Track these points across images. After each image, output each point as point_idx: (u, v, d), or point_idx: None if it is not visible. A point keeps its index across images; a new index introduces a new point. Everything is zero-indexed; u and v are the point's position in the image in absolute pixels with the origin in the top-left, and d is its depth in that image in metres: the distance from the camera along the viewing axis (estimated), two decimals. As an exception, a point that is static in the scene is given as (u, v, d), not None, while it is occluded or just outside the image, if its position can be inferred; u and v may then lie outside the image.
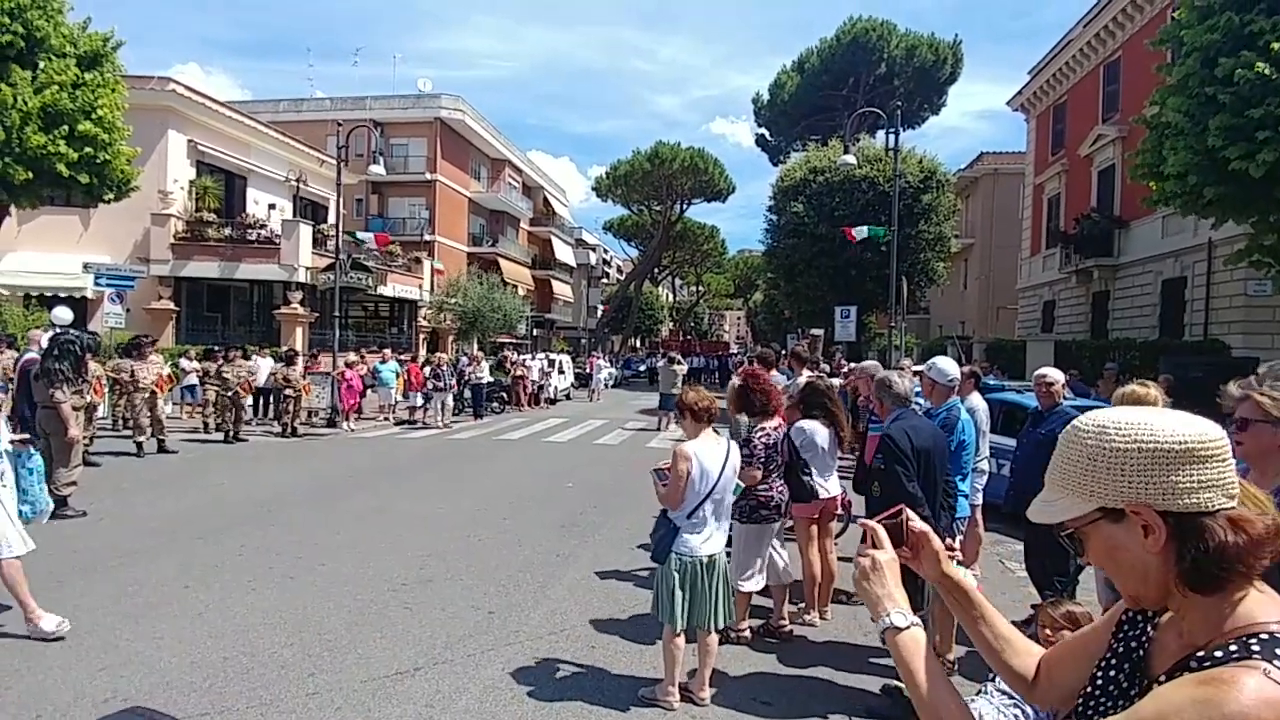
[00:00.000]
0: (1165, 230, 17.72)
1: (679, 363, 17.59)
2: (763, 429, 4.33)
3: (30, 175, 13.20)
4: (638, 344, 55.29)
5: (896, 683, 3.71)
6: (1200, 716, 0.80)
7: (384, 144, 33.44)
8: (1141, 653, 1.04)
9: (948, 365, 4.57)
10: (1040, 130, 26.01)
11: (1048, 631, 2.71)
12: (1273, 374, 2.20)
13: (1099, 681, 1.06)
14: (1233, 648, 0.88)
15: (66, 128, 13.35)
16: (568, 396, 24.95)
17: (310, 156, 25.35)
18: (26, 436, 4.81)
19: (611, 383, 31.72)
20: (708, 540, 3.61)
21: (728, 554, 3.88)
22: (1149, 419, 0.96)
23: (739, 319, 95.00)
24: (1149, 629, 1.05)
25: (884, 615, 1.18)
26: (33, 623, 4.36)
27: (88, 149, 13.68)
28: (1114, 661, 1.06)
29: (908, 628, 1.15)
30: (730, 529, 3.99)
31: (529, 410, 20.47)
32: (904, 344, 28.14)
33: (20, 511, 4.64)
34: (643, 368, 40.26)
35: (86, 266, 16.33)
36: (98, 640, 4.37)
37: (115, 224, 18.94)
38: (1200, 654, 0.91)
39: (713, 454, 3.62)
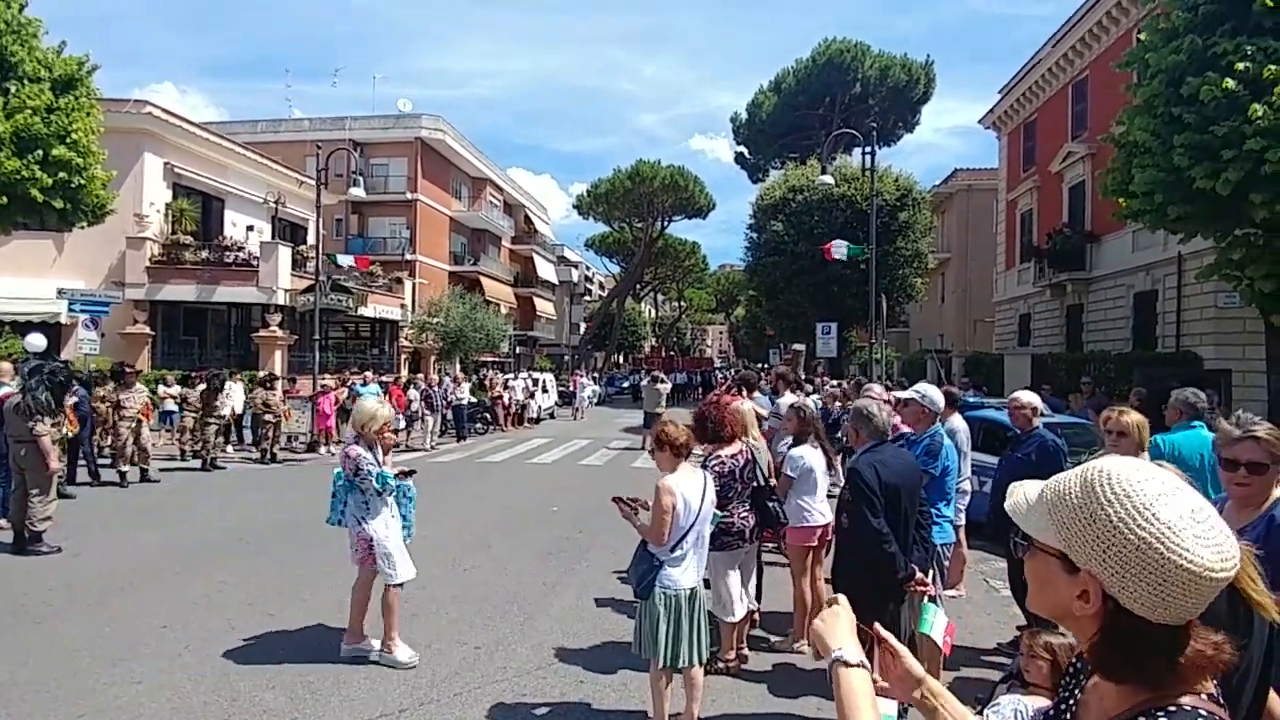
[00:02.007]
0: (1136, 244, 18.10)
1: (662, 381, 17.61)
2: (718, 457, 4.35)
3: (3, 200, 13.01)
4: (621, 360, 55.29)
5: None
6: None
7: (364, 164, 33.36)
8: (1073, 705, 1.03)
9: (935, 394, 4.64)
10: (1012, 147, 26.54)
11: (1033, 658, 2.70)
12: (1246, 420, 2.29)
13: None
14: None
15: (40, 152, 13.17)
16: (551, 415, 24.86)
17: (289, 177, 25.21)
18: (411, 469, 4.96)
19: (596, 400, 31.66)
20: (687, 572, 3.62)
21: (706, 583, 3.89)
22: (1177, 527, 0.87)
23: (721, 334, 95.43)
24: (1080, 684, 1.04)
25: (835, 649, 1.15)
26: (389, 650, 4.52)
27: (62, 174, 13.49)
28: (1052, 715, 1.07)
29: (858, 664, 1.14)
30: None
31: (513, 430, 20.37)
32: (884, 358, 28.54)
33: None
34: (626, 384, 40.25)
35: (60, 292, 16.07)
36: (76, 685, 4.28)
37: (90, 248, 18.66)
38: None
39: (693, 486, 3.64)
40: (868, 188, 16.90)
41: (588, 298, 65.07)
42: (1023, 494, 1.04)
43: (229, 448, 14.86)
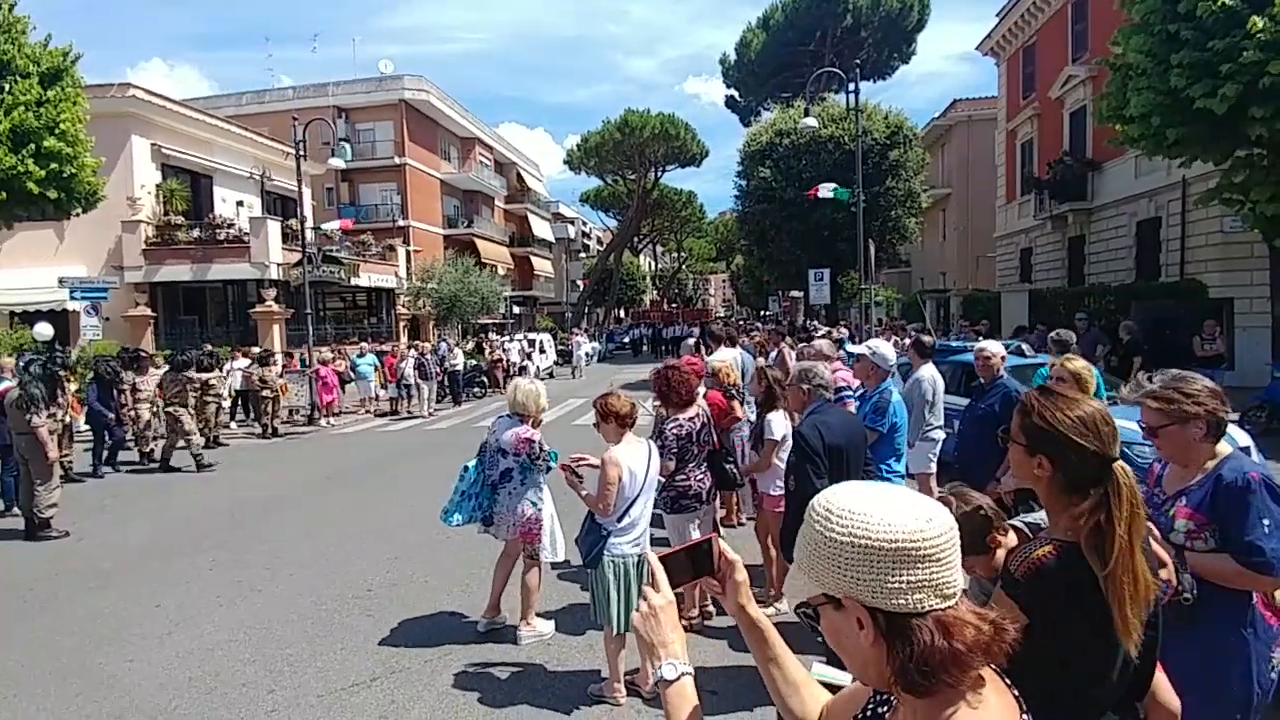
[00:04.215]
0: (1138, 170, 17.65)
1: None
2: (676, 420, 4.38)
3: (3, 196, 13.18)
4: (621, 315, 55.17)
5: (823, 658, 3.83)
6: None
7: (350, 130, 32.86)
8: (885, 710, 1.05)
9: (887, 350, 4.62)
10: (1011, 74, 25.74)
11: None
12: (1165, 377, 2.27)
13: None
14: None
15: (33, 146, 13.29)
16: (550, 375, 24.98)
17: (274, 150, 24.91)
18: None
19: (596, 358, 31.77)
20: (636, 541, 3.69)
21: (655, 543, 3.97)
22: (869, 511, 0.93)
23: (724, 282, 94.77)
24: (892, 699, 1.04)
25: (656, 666, 1.17)
26: (529, 624, 4.59)
27: (54, 164, 13.62)
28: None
29: (677, 679, 1.16)
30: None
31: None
32: (885, 300, 28.26)
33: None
34: (627, 340, 40.30)
35: (62, 281, 16.25)
36: (75, 664, 4.52)
37: (89, 235, 18.79)
38: None
39: (638, 457, 3.69)
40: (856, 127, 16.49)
41: (585, 254, 64.59)
42: (792, 572, 1.05)
43: (232, 424, 15.10)
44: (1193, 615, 2.04)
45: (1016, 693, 0.98)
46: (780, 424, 4.68)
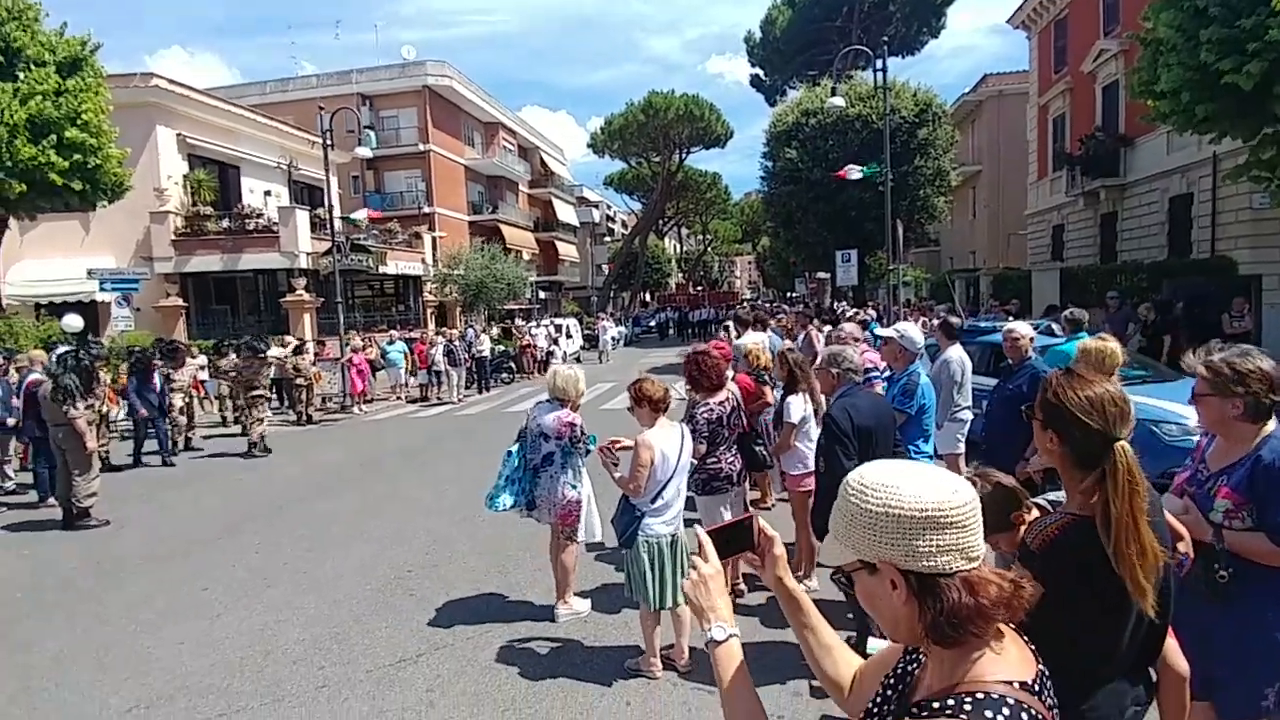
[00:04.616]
0: (1170, 146, 17.21)
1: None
2: (706, 404, 4.45)
3: (24, 187, 13.36)
4: (647, 298, 55.13)
5: (854, 634, 3.90)
6: None
7: (374, 117, 33.15)
8: (910, 680, 1.14)
9: (915, 333, 4.64)
10: (1042, 48, 25.08)
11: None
12: (1222, 349, 2.29)
13: (878, 699, 1.17)
14: (950, 702, 0.98)
15: (54, 136, 13.41)
16: (578, 360, 25.12)
17: (300, 139, 25.21)
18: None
19: (621, 341, 31.86)
20: (669, 522, 3.79)
21: (687, 524, 4.06)
22: (899, 483, 1.03)
23: (750, 264, 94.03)
24: (921, 657, 1.14)
25: (706, 629, 1.28)
26: (565, 603, 4.71)
27: (77, 155, 13.76)
28: (892, 682, 1.17)
29: (725, 640, 1.26)
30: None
31: (539, 378, 20.71)
32: (914, 280, 27.89)
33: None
34: (653, 323, 40.29)
35: (90, 272, 16.56)
36: (124, 650, 4.67)
37: (116, 225, 19.04)
38: (925, 700, 1.02)
39: (670, 440, 3.78)
40: (884, 106, 16.25)
41: (610, 238, 64.53)
42: (829, 539, 1.15)
43: (267, 411, 15.47)
44: (1228, 591, 2.09)
45: (1033, 647, 1.09)
46: (798, 407, 4.74)
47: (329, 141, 16.65)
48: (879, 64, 14.85)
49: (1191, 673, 1.75)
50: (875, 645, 1.63)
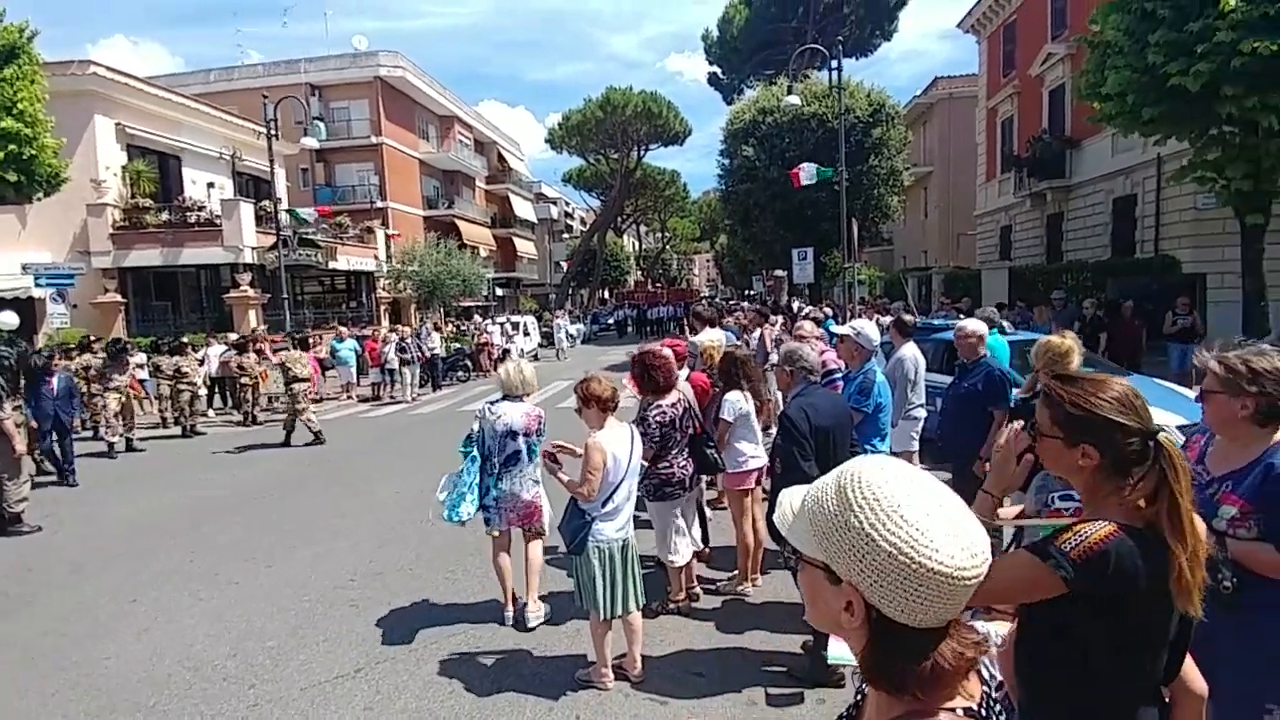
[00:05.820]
0: (1115, 148, 17.77)
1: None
2: (659, 406, 4.34)
3: None
4: (606, 296, 54.94)
5: (809, 637, 3.83)
6: None
7: (324, 108, 32.19)
8: (861, 699, 1.04)
9: (871, 330, 4.60)
10: (991, 52, 25.70)
11: None
12: (1235, 346, 2.21)
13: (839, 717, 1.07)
14: None
15: None
16: (535, 357, 24.82)
17: (245, 129, 24.29)
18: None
19: (580, 339, 31.61)
20: (620, 526, 3.66)
21: (636, 524, 3.95)
22: (923, 527, 0.85)
23: (708, 262, 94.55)
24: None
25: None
26: (535, 604, 4.59)
27: (12, 146, 13.11)
28: (843, 716, 1.07)
29: None
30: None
31: (494, 376, 20.36)
32: (869, 279, 28.31)
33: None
34: (611, 321, 40.12)
35: (25, 268, 15.76)
36: (49, 664, 4.42)
37: (53, 219, 18.10)
38: None
39: (620, 442, 3.65)
40: (839, 105, 16.37)
41: (569, 235, 64.07)
42: (788, 504, 1.00)
43: (210, 411, 14.87)
44: (1231, 602, 2.01)
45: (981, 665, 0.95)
46: (731, 405, 4.65)
47: (274, 132, 16.05)
48: (834, 64, 14.93)
49: None
50: (837, 648, 1.51)
